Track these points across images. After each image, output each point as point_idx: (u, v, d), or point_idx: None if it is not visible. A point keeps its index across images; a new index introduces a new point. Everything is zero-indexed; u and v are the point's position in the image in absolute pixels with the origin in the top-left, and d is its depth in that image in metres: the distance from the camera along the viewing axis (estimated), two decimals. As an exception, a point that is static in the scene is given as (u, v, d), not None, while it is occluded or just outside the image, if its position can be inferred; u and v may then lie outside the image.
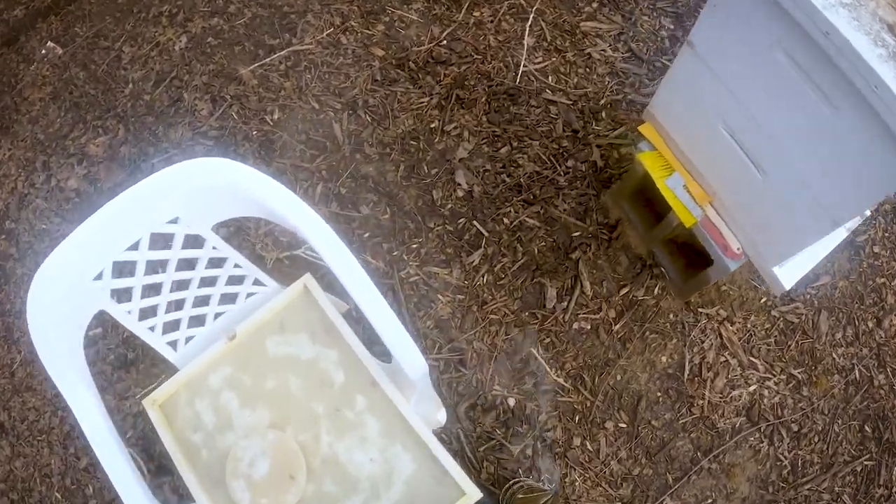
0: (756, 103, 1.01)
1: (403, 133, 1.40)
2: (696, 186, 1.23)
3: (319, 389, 0.95)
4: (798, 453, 1.42)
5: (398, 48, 1.50)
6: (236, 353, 0.99)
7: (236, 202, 0.88)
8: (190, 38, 1.61)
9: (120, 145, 1.56)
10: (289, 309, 1.01)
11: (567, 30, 1.56)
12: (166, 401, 0.98)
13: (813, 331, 1.52)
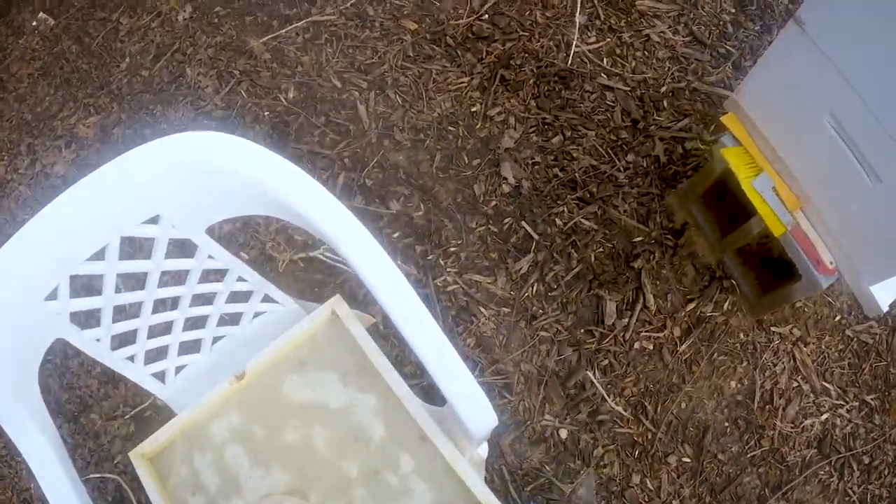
0: (877, 94, 0.78)
1: (440, 117, 1.14)
2: (787, 190, 0.98)
3: (353, 446, 0.73)
4: (868, 487, 1.18)
5: (433, 21, 1.23)
6: (245, 397, 0.76)
7: (238, 194, 0.61)
8: (195, 8, 1.33)
9: (113, 126, 1.29)
10: (312, 341, 0.77)
11: (622, 8, 1.29)
12: (158, 454, 0.75)
13: (887, 353, 1.27)
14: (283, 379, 0.75)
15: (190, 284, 0.65)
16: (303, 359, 0.76)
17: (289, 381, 0.75)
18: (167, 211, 0.58)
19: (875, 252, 0.91)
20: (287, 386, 0.75)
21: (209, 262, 0.64)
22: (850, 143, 0.84)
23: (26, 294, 0.56)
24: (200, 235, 0.63)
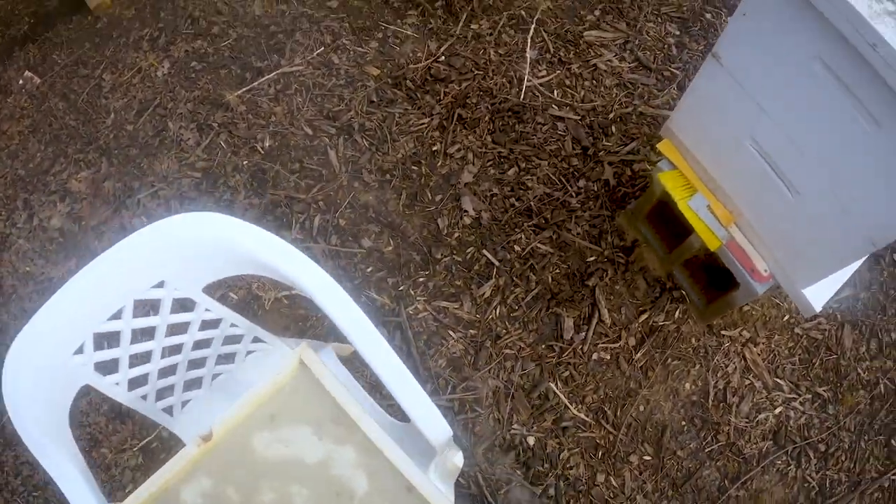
0: (788, 119, 0.95)
1: (404, 157, 1.32)
2: (721, 207, 1.16)
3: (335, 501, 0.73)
4: (826, 473, 1.36)
5: (394, 66, 1.42)
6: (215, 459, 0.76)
7: (229, 260, 0.80)
8: (172, 63, 1.52)
9: (104, 180, 1.48)
10: (281, 394, 0.78)
11: (570, 40, 1.48)
12: None
13: (837, 346, 1.46)
14: (253, 436, 0.77)
15: (191, 333, 0.84)
16: (272, 413, 0.77)
17: (259, 437, 0.77)
18: (171, 277, 0.77)
19: (802, 258, 1.08)
20: (258, 443, 0.76)
21: (206, 314, 0.83)
22: (770, 161, 1.02)
23: (58, 351, 0.75)
24: (198, 294, 0.81)
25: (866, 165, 0.88)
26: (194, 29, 1.55)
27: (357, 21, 1.49)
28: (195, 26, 1.55)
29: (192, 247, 0.77)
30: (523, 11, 1.49)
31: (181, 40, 1.54)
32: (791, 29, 0.87)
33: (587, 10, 1.53)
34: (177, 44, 1.54)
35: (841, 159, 0.91)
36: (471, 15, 1.48)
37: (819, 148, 0.93)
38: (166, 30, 1.57)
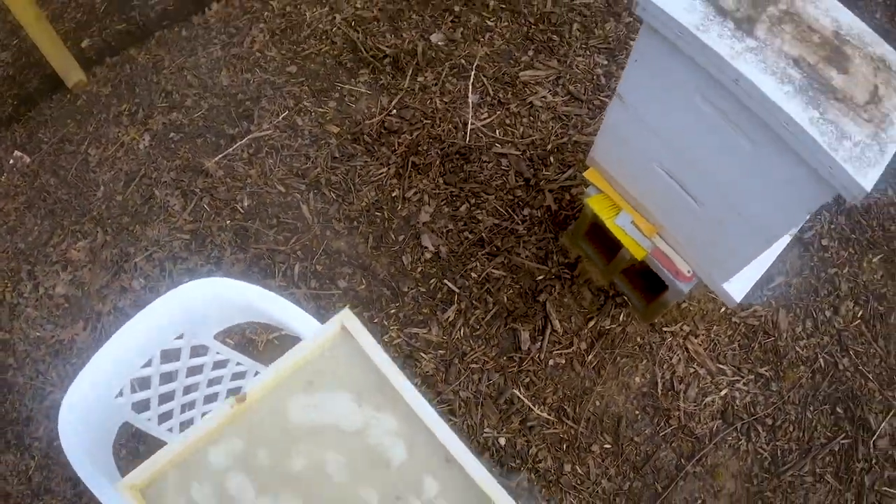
0: (685, 144, 1.22)
1: (367, 205, 1.61)
2: (643, 221, 1.44)
3: (371, 470, 0.76)
4: (776, 444, 1.64)
5: (351, 123, 1.70)
6: (248, 421, 0.79)
7: (234, 312, 1.07)
8: (152, 136, 1.79)
9: (101, 248, 1.74)
10: (320, 359, 0.80)
11: (507, 82, 1.77)
12: (149, 485, 0.77)
13: (774, 329, 1.74)
14: (288, 400, 0.78)
15: (206, 373, 1.11)
16: (309, 378, 0.79)
17: (294, 402, 0.78)
18: (188, 329, 1.04)
19: (715, 257, 1.35)
20: (293, 408, 0.77)
21: (217, 357, 1.09)
22: (676, 179, 1.29)
23: (102, 396, 1.01)
24: (210, 341, 1.08)
25: (750, 176, 1.13)
26: (168, 102, 1.82)
27: (315, 84, 1.77)
28: (169, 99, 1.83)
29: (203, 305, 1.05)
30: (463, 60, 1.78)
31: (158, 113, 1.81)
32: (673, 71, 1.13)
33: (521, 52, 1.82)
34: (154, 117, 1.81)
35: (730, 173, 1.17)
36: (416, 69, 1.77)
37: (712, 165, 1.19)
38: (143, 104, 1.84)
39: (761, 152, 1.08)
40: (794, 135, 0.99)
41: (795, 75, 1.03)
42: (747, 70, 1.00)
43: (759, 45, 1.04)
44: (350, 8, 1.90)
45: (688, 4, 1.06)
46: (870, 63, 1.09)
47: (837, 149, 0.98)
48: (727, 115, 1.09)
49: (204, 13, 1.97)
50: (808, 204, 1.09)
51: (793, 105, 0.99)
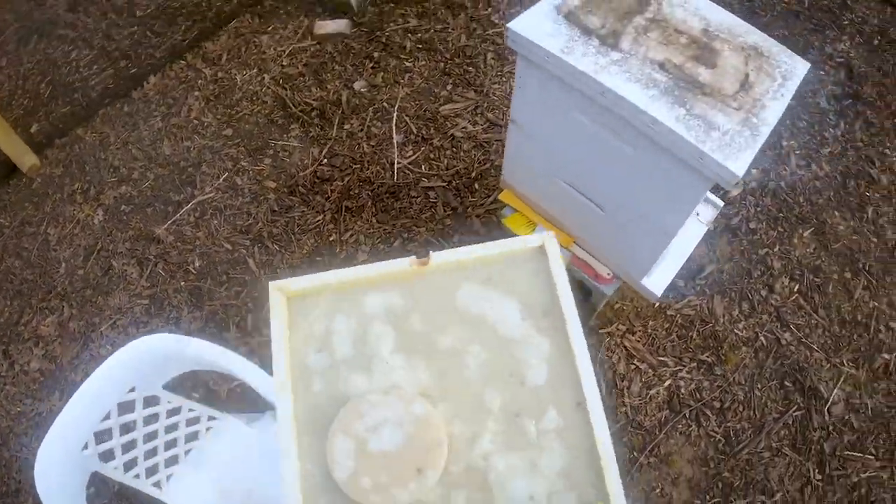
0: (578, 157, 1.39)
1: (308, 252, 1.84)
2: (560, 232, 1.65)
3: (505, 379, 0.80)
4: (728, 426, 1.83)
5: (287, 176, 1.94)
6: (416, 284, 0.84)
7: (177, 363, 1.30)
8: (105, 210, 2.03)
9: (68, 321, 1.98)
10: (507, 263, 0.86)
11: (429, 118, 2.01)
12: (299, 297, 0.84)
13: (710, 317, 1.95)
14: (462, 284, 0.83)
15: (161, 421, 1.32)
16: (490, 275, 0.84)
17: (467, 288, 0.83)
18: (139, 383, 1.26)
19: (629, 257, 1.54)
20: (464, 293, 0.82)
21: (169, 405, 1.31)
22: (579, 190, 1.46)
23: (71, 450, 1.23)
24: (160, 391, 1.30)
25: (639, 178, 1.28)
26: (117, 176, 2.07)
27: (250, 143, 2.02)
28: (117, 174, 2.07)
29: (148, 360, 1.27)
30: (386, 103, 2.03)
31: (108, 188, 2.06)
32: (551, 91, 1.28)
33: (440, 88, 2.06)
34: (105, 192, 2.05)
35: (621, 177, 1.32)
36: (342, 117, 2.01)
37: (605, 173, 1.36)
38: (93, 181, 2.08)
39: (642, 155, 1.23)
40: (663, 134, 1.12)
41: (661, 78, 1.18)
42: (610, 82, 1.15)
43: (623, 57, 1.20)
44: (277, 67, 2.15)
45: (552, 29, 1.23)
46: (740, 53, 1.25)
47: (705, 140, 1.11)
48: (606, 125, 1.24)
49: (143, 87, 2.23)
50: (692, 196, 1.23)
51: (657, 106, 1.13)
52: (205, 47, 2.28)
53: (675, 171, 1.19)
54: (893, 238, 2.25)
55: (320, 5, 2.36)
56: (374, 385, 0.79)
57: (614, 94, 1.14)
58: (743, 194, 2.18)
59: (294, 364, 0.80)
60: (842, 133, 2.39)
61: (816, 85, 2.47)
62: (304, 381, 0.80)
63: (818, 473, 1.81)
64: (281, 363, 0.80)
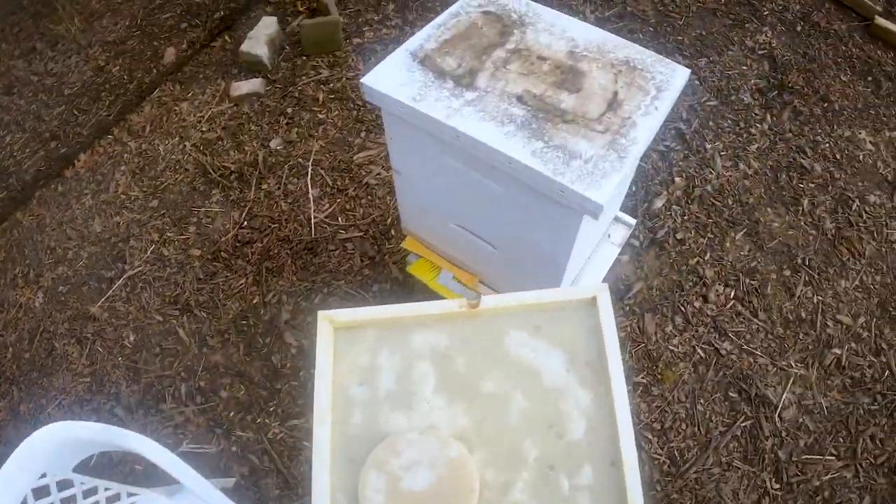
0: (459, 199, 1.41)
1: (234, 317, 1.89)
2: (463, 274, 1.68)
3: (544, 431, 0.81)
4: (671, 446, 1.83)
5: (210, 243, 2.00)
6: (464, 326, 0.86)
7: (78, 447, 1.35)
8: (45, 293, 2.11)
9: (18, 405, 2.05)
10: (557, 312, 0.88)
11: (344, 168, 2.05)
12: (347, 328, 0.86)
13: (642, 336, 1.96)
14: (510, 331, 0.85)
15: (80, 502, 1.37)
16: (539, 323, 0.85)
17: (515, 335, 0.84)
18: (49, 468, 1.30)
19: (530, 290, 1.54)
20: (511, 339, 0.84)
21: (83, 486, 1.36)
22: (470, 230, 1.52)
23: None
24: (70, 474, 1.35)
25: (514, 215, 1.30)
26: (54, 257, 2.14)
27: (175, 213, 2.08)
28: (54, 255, 2.15)
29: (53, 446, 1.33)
30: (301, 159, 2.08)
31: (46, 270, 2.13)
32: (416, 139, 1.29)
33: (354, 136, 2.11)
34: (44, 275, 2.13)
35: (500, 215, 1.34)
36: (259, 177, 2.07)
37: (486, 212, 1.38)
38: (33, 264, 2.16)
39: (512, 193, 1.24)
40: (521, 171, 1.12)
41: (518, 112, 1.17)
42: (463, 124, 1.15)
43: (479, 96, 1.19)
44: (197, 133, 2.21)
45: (406, 78, 1.23)
46: (609, 70, 1.26)
47: (564, 172, 1.10)
48: (473, 167, 1.25)
49: (74, 165, 2.30)
50: (569, 228, 1.22)
51: (513, 143, 1.13)
52: (130, 120, 2.36)
53: (543, 205, 1.20)
54: (832, 227, 2.24)
55: (236, 66, 2.44)
56: (412, 423, 0.81)
57: (468, 137, 1.15)
58: (668, 204, 2.19)
59: (336, 394, 0.82)
60: (769, 126, 2.39)
61: (739, 81, 2.47)
62: (345, 411, 0.82)
63: (775, 482, 1.81)
64: (323, 392, 0.81)
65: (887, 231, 2.29)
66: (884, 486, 1.80)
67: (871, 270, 2.21)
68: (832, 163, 2.45)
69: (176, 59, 2.54)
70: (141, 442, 1.39)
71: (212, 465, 1.83)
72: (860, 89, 2.69)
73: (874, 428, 1.88)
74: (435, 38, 1.35)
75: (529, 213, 1.26)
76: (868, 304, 2.13)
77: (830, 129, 2.53)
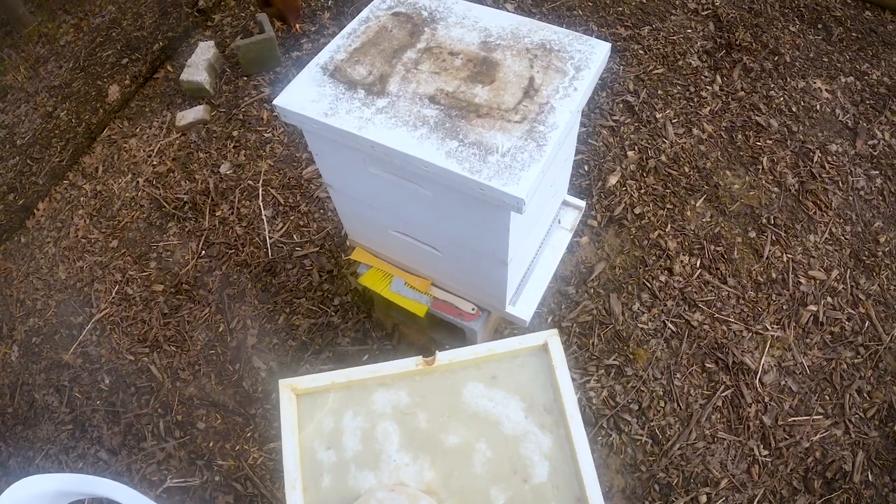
0: (393, 206, 1.40)
1: (202, 347, 1.91)
2: (414, 279, 1.67)
3: (509, 478, 0.83)
4: (651, 425, 1.82)
5: (172, 276, 2.02)
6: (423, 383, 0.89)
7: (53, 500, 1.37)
8: (20, 346, 2.13)
9: (8, 460, 2.08)
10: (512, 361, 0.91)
11: (294, 185, 2.05)
12: (309, 394, 0.87)
13: (609, 317, 1.95)
14: (468, 383, 0.87)
15: None
16: (496, 373, 0.88)
17: (473, 387, 0.87)
18: None
19: (482, 289, 1.56)
20: (469, 391, 0.87)
21: None
22: (412, 236, 1.49)
23: None
24: None
25: (448, 216, 1.29)
26: (24, 310, 2.16)
27: (135, 251, 2.09)
28: (24, 307, 2.17)
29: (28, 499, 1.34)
30: (250, 181, 2.08)
31: (19, 324, 2.16)
32: (338, 153, 1.29)
33: (300, 151, 2.10)
34: (17, 328, 2.15)
35: (436, 218, 1.32)
36: (212, 205, 2.07)
37: (421, 216, 1.36)
38: (5, 319, 2.18)
39: (439, 196, 1.23)
40: (439, 173, 1.10)
41: (430, 113, 1.15)
42: (374, 134, 1.13)
43: (390, 102, 1.18)
44: (148, 168, 2.22)
45: (316, 94, 1.21)
46: (524, 57, 1.24)
47: (481, 169, 1.08)
48: (397, 174, 1.23)
49: (34, 215, 2.31)
50: (500, 224, 1.20)
51: (426, 147, 1.11)
52: (82, 162, 2.37)
53: (470, 205, 1.19)
54: (795, 182, 2.22)
55: (179, 96, 2.43)
56: (381, 481, 0.83)
57: (381, 146, 1.13)
58: (622, 180, 2.17)
59: (304, 459, 0.84)
60: (720, 87, 2.37)
61: (684, 45, 2.45)
62: (314, 476, 0.83)
63: (763, 449, 1.80)
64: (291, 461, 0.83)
65: (852, 179, 2.26)
66: (877, 440, 1.79)
67: (839, 221, 2.19)
68: (788, 116, 2.42)
69: (121, 95, 2.54)
70: (113, 488, 1.42)
71: (197, 498, 1.85)
72: (811, 38, 2.65)
73: (860, 381, 1.87)
74: (345, 49, 1.32)
75: (460, 213, 1.25)
76: (840, 256, 2.11)
77: (784, 82, 2.50)
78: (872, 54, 2.61)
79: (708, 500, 1.73)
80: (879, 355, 1.92)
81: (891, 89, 2.50)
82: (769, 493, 1.74)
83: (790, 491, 1.75)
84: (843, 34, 2.66)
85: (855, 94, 2.48)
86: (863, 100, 2.46)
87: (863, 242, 2.13)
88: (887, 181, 2.27)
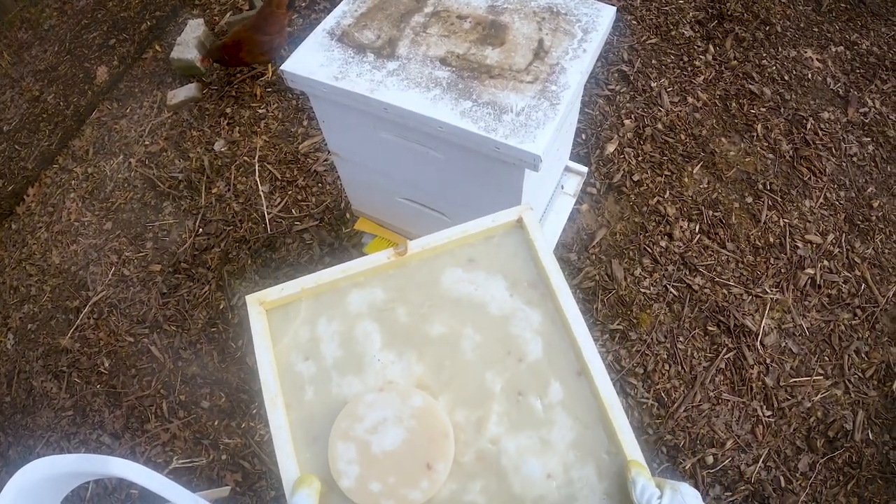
0: (402, 172, 1.40)
1: (203, 325, 1.87)
2: None
3: (503, 359, 0.78)
4: (657, 388, 1.83)
5: (169, 256, 1.97)
6: (397, 276, 0.82)
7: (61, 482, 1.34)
8: (15, 333, 2.08)
9: (7, 450, 2.03)
10: (488, 241, 0.85)
11: (290, 160, 2.02)
12: (279, 307, 0.82)
13: (612, 282, 1.95)
14: (445, 270, 0.81)
15: None
16: (473, 256, 0.82)
17: (451, 273, 0.80)
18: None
19: None
20: (448, 278, 0.80)
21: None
22: (419, 203, 1.51)
23: None
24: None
25: (460, 179, 1.28)
26: (18, 296, 2.11)
27: (130, 232, 2.05)
28: (18, 294, 2.11)
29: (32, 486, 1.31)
30: (246, 157, 2.04)
31: (13, 310, 2.10)
32: (347, 118, 1.28)
33: (296, 126, 2.07)
34: (11, 315, 2.10)
35: (447, 182, 1.33)
36: (208, 182, 2.03)
37: (431, 181, 1.36)
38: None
39: (451, 158, 1.22)
40: (454, 133, 1.10)
41: (442, 75, 1.15)
42: (388, 96, 1.13)
43: (400, 65, 1.18)
44: (140, 148, 2.17)
45: (324, 59, 1.21)
46: (532, 20, 1.25)
47: (496, 128, 1.09)
48: (409, 138, 1.23)
49: (24, 201, 2.25)
50: (514, 185, 1.20)
51: (440, 107, 1.11)
52: (72, 146, 2.31)
53: (484, 165, 1.18)
54: (790, 149, 2.23)
55: (170, 75, 2.39)
56: (368, 384, 0.77)
57: (395, 108, 1.12)
58: (620, 148, 2.17)
59: (282, 374, 0.78)
60: (713, 57, 2.37)
61: (677, 16, 2.45)
62: (296, 390, 0.77)
63: (766, 409, 1.81)
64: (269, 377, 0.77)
65: (845, 145, 2.28)
66: (876, 399, 1.81)
67: (833, 186, 2.21)
68: (781, 85, 2.44)
69: (109, 77, 2.49)
70: (123, 465, 1.38)
71: (205, 477, 1.82)
72: (801, 8, 2.66)
73: (858, 342, 1.89)
74: (351, 14, 1.34)
75: (472, 175, 1.26)
76: (835, 221, 2.14)
77: (775, 51, 2.51)
78: (861, 24, 2.63)
79: (714, 460, 1.74)
80: (876, 317, 1.94)
81: (880, 59, 2.52)
82: (773, 453, 1.76)
83: (794, 450, 1.76)
84: (833, 4, 2.68)
85: (845, 63, 2.50)
86: (853, 69, 2.48)
87: (857, 207, 2.15)
88: (879, 148, 2.29)
